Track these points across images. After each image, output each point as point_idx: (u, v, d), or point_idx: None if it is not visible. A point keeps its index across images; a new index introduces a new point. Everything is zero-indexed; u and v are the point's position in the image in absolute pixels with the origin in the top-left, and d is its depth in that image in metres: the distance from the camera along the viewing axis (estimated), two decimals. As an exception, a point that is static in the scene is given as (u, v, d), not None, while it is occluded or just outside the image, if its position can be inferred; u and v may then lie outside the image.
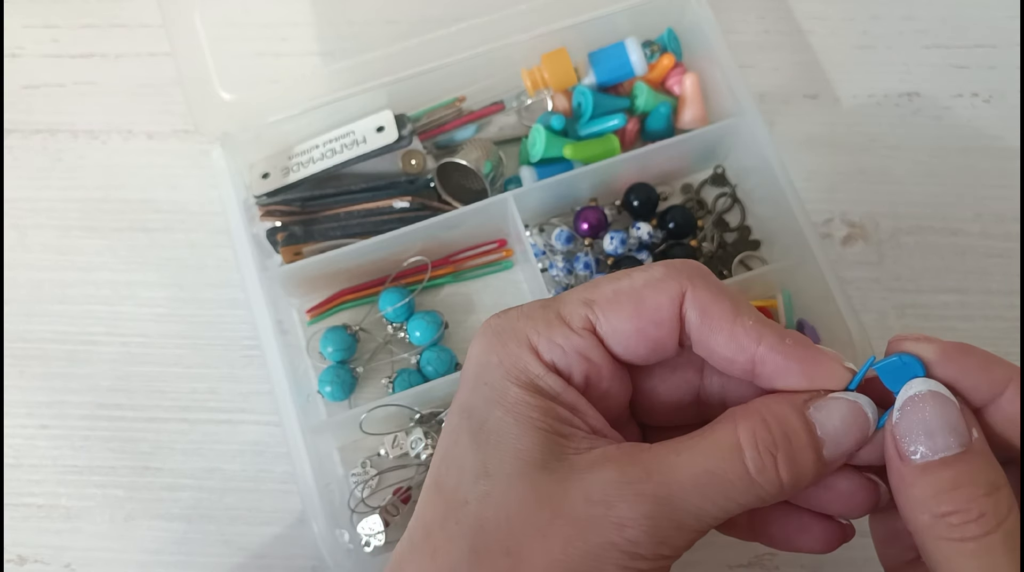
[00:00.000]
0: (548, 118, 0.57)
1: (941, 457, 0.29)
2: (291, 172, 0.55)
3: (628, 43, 0.57)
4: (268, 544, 0.52)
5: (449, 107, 0.57)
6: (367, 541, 0.50)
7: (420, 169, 0.55)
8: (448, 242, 0.56)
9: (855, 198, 0.59)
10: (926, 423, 0.30)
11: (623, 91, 0.58)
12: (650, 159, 0.56)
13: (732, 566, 0.52)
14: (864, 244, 0.58)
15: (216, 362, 0.56)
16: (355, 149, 0.54)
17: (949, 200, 0.59)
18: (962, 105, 0.62)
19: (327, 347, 0.54)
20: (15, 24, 0.65)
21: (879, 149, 0.61)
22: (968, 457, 0.30)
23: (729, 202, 0.58)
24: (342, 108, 0.54)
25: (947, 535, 0.29)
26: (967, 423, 0.30)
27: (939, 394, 0.30)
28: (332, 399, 0.54)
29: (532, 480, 0.31)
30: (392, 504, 0.51)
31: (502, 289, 0.58)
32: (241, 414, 0.55)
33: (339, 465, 0.54)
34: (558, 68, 0.56)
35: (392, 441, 0.53)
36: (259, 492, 0.53)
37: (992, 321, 0.57)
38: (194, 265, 0.59)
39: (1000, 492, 0.29)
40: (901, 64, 0.63)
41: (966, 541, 0.29)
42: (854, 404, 0.32)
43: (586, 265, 0.55)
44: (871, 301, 0.57)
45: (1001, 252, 0.58)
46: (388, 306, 0.54)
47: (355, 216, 0.54)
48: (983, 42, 0.64)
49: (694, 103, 0.57)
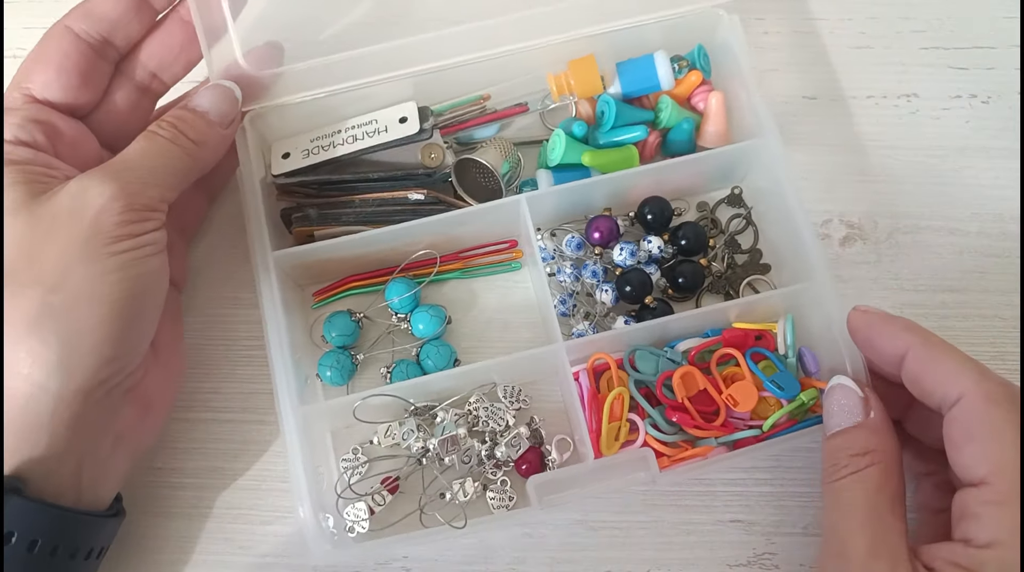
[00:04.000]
0: (570, 124, 0.57)
1: (836, 430, 0.45)
2: (311, 155, 0.55)
3: (657, 56, 0.57)
4: (268, 542, 0.53)
5: (473, 104, 0.57)
6: (351, 527, 0.50)
7: (439, 163, 0.55)
8: (459, 238, 0.56)
9: (854, 198, 0.60)
10: (831, 406, 0.46)
11: (647, 104, 0.58)
12: (668, 174, 0.56)
13: (732, 565, 0.52)
14: (862, 244, 0.59)
15: (218, 362, 0.56)
16: (376, 137, 0.55)
17: (947, 200, 0.60)
18: (960, 106, 0.63)
19: (331, 331, 0.55)
20: (16, 25, 0.65)
21: (877, 149, 0.61)
22: (851, 431, 0.44)
23: (743, 224, 0.58)
24: (367, 95, 0.55)
25: (826, 478, 0.44)
26: (865, 407, 0.45)
27: (842, 386, 0.46)
28: (331, 383, 0.54)
29: (25, 213, 0.43)
30: (379, 493, 0.52)
31: (508, 289, 0.58)
32: (242, 413, 0.55)
33: (331, 450, 0.54)
34: (585, 75, 0.56)
35: (385, 431, 0.53)
36: (260, 491, 0.54)
37: (990, 320, 0.57)
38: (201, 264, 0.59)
39: (868, 453, 0.43)
40: (899, 64, 0.64)
41: (832, 481, 0.43)
42: (218, 86, 0.50)
43: (593, 273, 0.55)
44: (869, 300, 0.56)
45: (999, 252, 0.59)
46: (394, 296, 0.55)
47: (370, 204, 0.54)
48: (982, 43, 0.64)
49: (717, 122, 0.57)
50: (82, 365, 0.42)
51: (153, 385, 0.49)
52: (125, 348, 0.44)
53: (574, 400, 0.50)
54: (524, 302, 0.57)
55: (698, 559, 0.52)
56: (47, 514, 0.43)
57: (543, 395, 0.55)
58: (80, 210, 0.43)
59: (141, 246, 0.44)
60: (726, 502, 0.53)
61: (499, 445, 0.52)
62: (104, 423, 0.45)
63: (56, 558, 0.43)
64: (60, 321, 0.42)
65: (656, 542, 0.52)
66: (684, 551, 0.52)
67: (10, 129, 0.46)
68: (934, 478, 0.48)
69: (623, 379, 0.52)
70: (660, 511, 0.53)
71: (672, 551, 0.52)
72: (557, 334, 0.51)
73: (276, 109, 0.54)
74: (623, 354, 0.53)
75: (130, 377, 0.46)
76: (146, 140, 0.47)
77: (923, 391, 0.43)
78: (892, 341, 0.45)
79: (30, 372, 0.41)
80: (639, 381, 0.52)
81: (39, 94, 0.48)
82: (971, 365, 0.42)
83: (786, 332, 0.52)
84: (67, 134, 0.48)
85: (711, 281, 0.57)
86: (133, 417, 0.48)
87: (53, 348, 0.41)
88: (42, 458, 0.42)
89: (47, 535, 0.43)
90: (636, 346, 0.53)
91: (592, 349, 0.52)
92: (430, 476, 0.52)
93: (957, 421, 0.41)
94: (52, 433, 0.42)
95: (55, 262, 0.42)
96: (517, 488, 0.52)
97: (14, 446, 0.42)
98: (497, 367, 0.52)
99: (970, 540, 0.39)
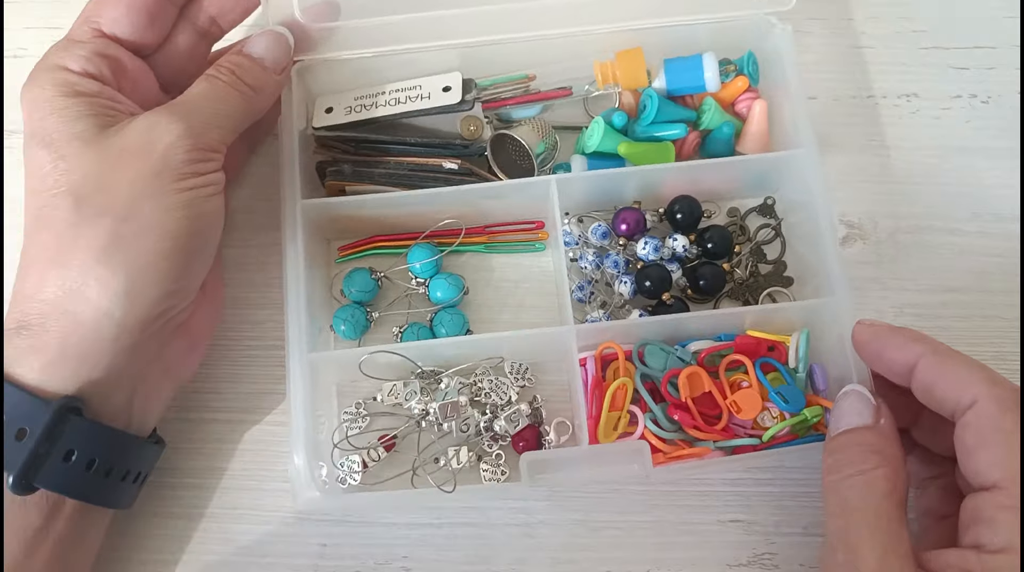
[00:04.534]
0: (611, 113, 0.57)
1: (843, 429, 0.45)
2: (353, 112, 0.56)
3: (705, 58, 0.57)
4: (269, 542, 0.53)
5: (518, 82, 0.57)
6: (343, 478, 0.51)
7: (476, 136, 0.56)
8: (486, 212, 0.57)
9: (854, 198, 0.60)
10: (841, 408, 0.46)
11: (690, 103, 0.58)
12: (702, 174, 0.56)
13: (732, 565, 0.52)
14: (863, 244, 0.59)
15: (219, 361, 0.56)
16: (418, 103, 0.55)
17: (947, 200, 0.60)
18: (960, 106, 0.62)
19: (350, 287, 0.56)
20: (17, 25, 0.66)
21: (878, 149, 0.61)
22: (860, 430, 0.44)
23: (771, 234, 0.58)
24: (414, 61, 0.55)
25: (829, 474, 0.43)
26: (876, 413, 0.45)
27: (856, 392, 0.46)
28: (343, 337, 0.55)
29: (96, 144, 0.44)
30: (375, 448, 0.52)
31: (528, 269, 0.58)
32: (242, 413, 0.55)
33: (335, 401, 0.55)
34: (631, 66, 0.56)
35: (389, 389, 0.54)
36: (260, 491, 0.54)
37: (991, 320, 0.57)
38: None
39: (876, 454, 0.42)
40: (900, 64, 0.64)
41: (838, 480, 0.43)
42: (271, 32, 0.51)
43: (615, 263, 0.55)
44: (869, 300, 0.57)
45: (1000, 252, 0.58)
46: (416, 260, 0.56)
47: (404, 167, 0.55)
48: (982, 43, 0.64)
49: (759, 130, 0.57)
50: (145, 296, 0.44)
51: (200, 321, 0.51)
52: (184, 283, 0.46)
53: (578, 384, 0.50)
54: (542, 284, 0.58)
55: (698, 559, 0.52)
56: (104, 435, 0.45)
57: (549, 377, 0.55)
58: (149, 146, 0.44)
59: (205, 185, 0.46)
60: (726, 502, 0.53)
61: (498, 418, 0.52)
62: (156, 353, 0.47)
63: (109, 478, 0.46)
64: (129, 252, 0.43)
65: (656, 542, 0.52)
66: (684, 551, 0.52)
67: (78, 61, 0.46)
68: (940, 481, 0.48)
69: (630, 371, 0.52)
70: (660, 511, 0.53)
71: (672, 551, 0.52)
72: (570, 317, 0.52)
73: (324, 63, 0.55)
74: (633, 346, 0.53)
75: (183, 312, 0.48)
76: (207, 83, 0.48)
77: (935, 399, 0.43)
78: (902, 352, 0.44)
79: (98, 298, 0.43)
80: (645, 375, 0.52)
81: (107, 29, 0.49)
82: (982, 371, 0.41)
83: (799, 346, 0.52)
84: (130, 71, 0.49)
85: (731, 287, 0.57)
86: (180, 350, 0.49)
87: (120, 277, 0.43)
88: (100, 381, 0.44)
89: (103, 455, 0.45)
90: (647, 340, 0.53)
91: (603, 337, 0.52)
92: (427, 440, 0.53)
93: (970, 426, 0.40)
94: (112, 358, 0.44)
95: (125, 194, 0.43)
96: (511, 464, 0.53)
97: (75, 369, 0.43)
98: (507, 341, 0.53)
99: (982, 545, 0.38)
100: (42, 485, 0.43)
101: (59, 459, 0.43)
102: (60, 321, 0.43)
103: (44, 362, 0.43)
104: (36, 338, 0.43)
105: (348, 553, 0.52)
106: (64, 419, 0.43)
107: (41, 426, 0.42)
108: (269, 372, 0.56)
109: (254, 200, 0.60)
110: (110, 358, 0.44)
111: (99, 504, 0.46)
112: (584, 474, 0.51)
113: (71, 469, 0.43)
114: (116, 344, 0.44)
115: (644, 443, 0.49)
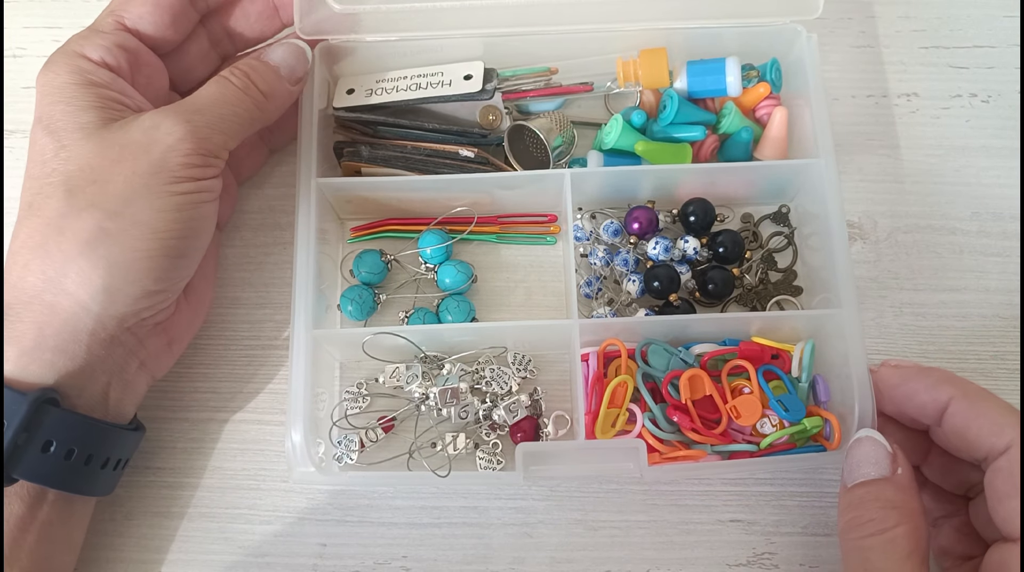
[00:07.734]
0: (630, 111, 0.57)
1: (860, 481, 0.43)
2: (374, 95, 0.56)
3: (729, 63, 0.56)
4: (268, 542, 0.53)
5: (539, 75, 0.57)
6: (339, 456, 0.52)
7: (495, 126, 0.56)
8: (499, 203, 0.57)
9: (853, 198, 0.60)
10: (856, 457, 0.44)
11: (710, 106, 0.58)
12: (718, 178, 0.56)
13: (731, 564, 0.52)
14: (862, 243, 0.59)
15: (218, 361, 0.57)
16: (439, 89, 0.55)
17: (947, 199, 0.60)
18: (960, 105, 0.62)
19: (360, 268, 0.56)
20: (16, 25, 0.66)
21: (877, 149, 0.61)
22: (879, 482, 0.42)
23: (784, 242, 0.58)
24: (438, 47, 0.56)
25: (848, 532, 0.42)
26: (893, 463, 0.43)
27: (871, 439, 0.44)
28: (350, 317, 0.55)
29: (97, 137, 0.44)
30: (373, 429, 0.53)
31: (538, 261, 0.58)
32: (242, 413, 0.56)
33: (337, 381, 0.56)
34: (654, 66, 0.56)
35: (392, 372, 0.54)
36: (260, 490, 0.54)
37: (990, 320, 0.56)
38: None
39: (896, 509, 0.41)
40: (899, 64, 0.63)
41: (859, 539, 0.41)
42: (291, 44, 0.52)
43: (624, 261, 0.55)
44: (869, 300, 0.57)
45: (999, 251, 0.58)
46: (427, 246, 0.56)
47: (420, 152, 0.55)
48: (982, 42, 0.64)
49: (778, 138, 0.57)
50: (124, 293, 0.44)
51: (180, 323, 0.51)
52: (165, 284, 0.46)
53: (579, 379, 0.51)
54: (551, 277, 0.58)
55: (698, 559, 0.52)
56: (82, 425, 0.45)
57: (550, 370, 0.56)
58: (149, 145, 0.45)
59: (199, 191, 0.46)
60: (726, 502, 0.53)
61: (498, 408, 0.53)
62: (133, 349, 0.47)
63: (89, 467, 0.46)
64: (112, 248, 0.43)
65: (656, 542, 0.52)
66: (684, 551, 0.52)
67: (98, 50, 0.47)
68: (954, 521, 0.47)
69: (631, 369, 0.52)
70: (660, 511, 0.53)
71: (672, 551, 0.52)
72: (575, 311, 0.52)
73: (349, 45, 0.56)
74: (636, 345, 0.53)
75: (163, 312, 0.48)
76: (218, 85, 0.48)
77: (966, 442, 0.42)
78: (933, 394, 0.44)
79: (76, 291, 0.43)
80: (647, 374, 0.52)
81: (131, 23, 0.49)
82: (1014, 415, 0.41)
83: (804, 356, 0.52)
84: (146, 67, 0.50)
85: (740, 293, 0.56)
86: (158, 347, 0.50)
87: (101, 272, 0.43)
88: (76, 372, 0.44)
89: (82, 444, 0.45)
90: (650, 340, 0.53)
91: (607, 334, 0.52)
92: (425, 425, 0.53)
93: (1003, 472, 0.40)
94: (88, 350, 0.44)
95: (118, 190, 0.44)
96: (507, 454, 0.53)
97: (52, 359, 0.44)
98: (511, 331, 0.53)
99: None
100: (21, 476, 0.43)
101: (37, 450, 0.43)
102: (37, 311, 0.43)
103: (20, 351, 0.43)
104: (12, 327, 0.43)
105: (348, 553, 0.52)
106: (42, 410, 0.43)
107: (18, 418, 0.42)
108: (269, 372, 0.56)
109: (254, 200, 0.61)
110: (86, 350, 0.44)
111: (79, 493, 0.46)
112: (579, 469, 0.51)
113: (50, 460, 0.44)
114: (92, 337, 0.44)
115: (640, 442, 0.49)
